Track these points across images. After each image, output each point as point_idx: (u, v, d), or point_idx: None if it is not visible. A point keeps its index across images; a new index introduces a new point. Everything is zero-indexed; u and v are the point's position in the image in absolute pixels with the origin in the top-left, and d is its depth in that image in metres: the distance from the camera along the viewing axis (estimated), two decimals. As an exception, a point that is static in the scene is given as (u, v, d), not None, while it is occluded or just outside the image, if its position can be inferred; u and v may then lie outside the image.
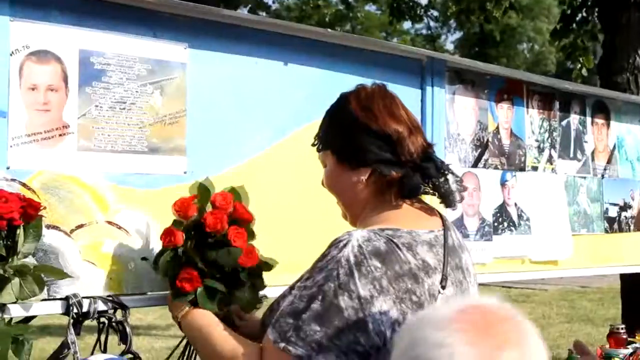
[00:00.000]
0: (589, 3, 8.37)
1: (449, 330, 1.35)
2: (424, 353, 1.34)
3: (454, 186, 2.35)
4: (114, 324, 2.56)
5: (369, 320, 2.03)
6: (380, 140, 2.25)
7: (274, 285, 2.72)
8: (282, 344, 2.04)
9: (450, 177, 2.34)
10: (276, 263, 2.68)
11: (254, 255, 2.56)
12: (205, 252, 2.50)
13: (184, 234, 2.51)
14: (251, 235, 2.62)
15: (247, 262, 2.54)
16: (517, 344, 1.36)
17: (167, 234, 2.50)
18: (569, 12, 8.72)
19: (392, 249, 2.12)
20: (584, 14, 8.64)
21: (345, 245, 2.10)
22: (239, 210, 2.60)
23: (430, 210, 2.34)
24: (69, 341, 2.44)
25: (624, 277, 6.76)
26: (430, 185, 2.33)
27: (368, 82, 3.24)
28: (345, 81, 3.21)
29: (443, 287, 2.18)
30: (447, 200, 2.35)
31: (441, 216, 2.37)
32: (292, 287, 2.23)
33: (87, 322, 2.54)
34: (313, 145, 2.44)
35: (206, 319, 2.41)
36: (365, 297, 2.04)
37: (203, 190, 2.60)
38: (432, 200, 2.40)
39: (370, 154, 2.25)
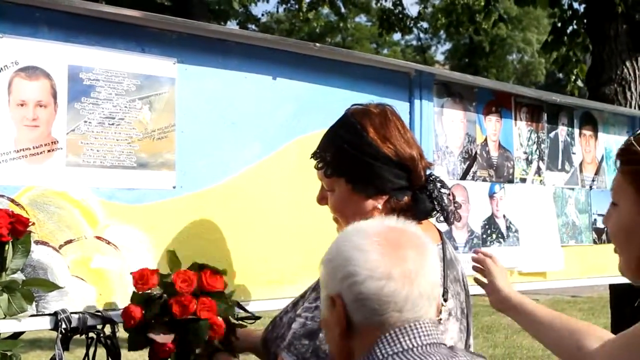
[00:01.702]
0: (580, 15, 8.40)
1: (370, 241, 1.70)
2: (345, 251, 1.71)
3: (452, 204, 2.39)
4: (102, 339, 2.56)
5: None
6: (398, 168, 2.28)
7: (267, 298, 2.74)
8: None
9: (449, 195, 2.39)
10: (256, 317, 2.70)
11: (220, 326, 2.49)
12: (173, 329, 2.46)
13: (144, 307, 2.47)
14: (222, 297, 2.55)
15: (216, 333, 2.49)
16: (417, 247, 1.72)
17: (126, 317, 2.46)
18: (559, 24, 8.75)
19: None
20: (575, 26, 8.67)
21: None
22: (205, 283, 2.51)
23: (428, 224, 2.37)
24: (57, 357, 2.44)
25: (613, 288, 6.78)
26: (438, 207, 2.35)
27: (357, 96, 3.30)
28: (334, 95, 3.24)
29: (445, 300, 2.22)
30: (449, 219, 2.38)
31: (438, 230, 2.39)
32: (295, 304, 2.24)
33: (78, 336, 2.54)
34: (317, 167, 2.40)
35: None
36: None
37: (172, 260, 2.59)
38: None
39: (389, 182, 2.27)
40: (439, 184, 2.35)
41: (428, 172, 2.38)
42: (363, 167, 2.27)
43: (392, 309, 1.65)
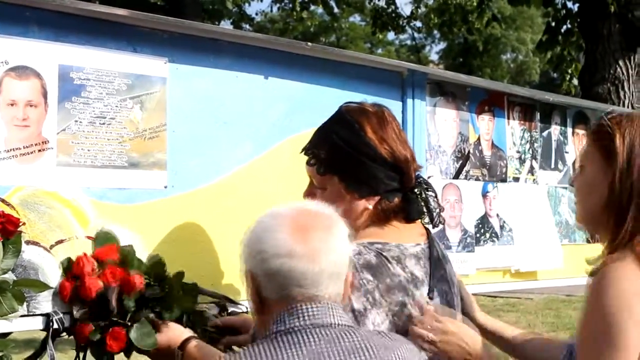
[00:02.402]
0: (573, 14, 8.42)
1: (279, 222, 1.86)
2: (258, 232, 1.88)
3: (438, 207, 2.40)
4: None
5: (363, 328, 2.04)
6: (392, 170, 2.28)
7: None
8: None
9: (435, 198, 2.41)
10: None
11: (133, 282, 2.52)
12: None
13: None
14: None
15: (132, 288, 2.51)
16: (323, 229, 1.86)
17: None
18: (553, 24, 8.77)
19: (383, 262, 2.16)
20: (569, 26, 8.69)
21: None
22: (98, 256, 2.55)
23: (417, 224, 2.38)
24: (49, 357, 2.43)
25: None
26: (425, 209, 2.37)
27: (349, 95, 3.29)
28: (326, 94, 3.24)
29: (431, 298, 2.23)
30: (434, 221, 2.40)
31: (426, 229, 2.39)
32: None
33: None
34: (308, 163, 2.40)
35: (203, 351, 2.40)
36: (359, 310, 2.08)
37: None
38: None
39: (382, 184, 2.27)
40: (425, 186, 2.38)
41: (416, 173, 2.39)
42: (358, 167, 2.26)
43: (295, 284, 1.81)
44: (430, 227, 2.46)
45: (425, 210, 2.36)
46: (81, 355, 2.56)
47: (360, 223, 2.30)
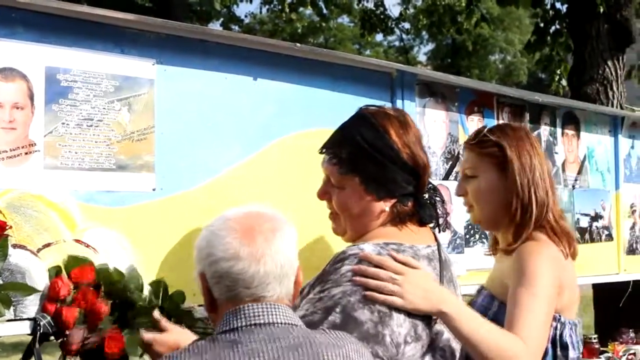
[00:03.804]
0: (562, 14, 8.43)
1: (226, 225, 1.94)
2: (207, 235, 1.96)
3: (444, 213, 2.47)
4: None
5: (387, 332, 2.09)
6: (410, 174, 2.32)
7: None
8: None
9: (443, 204, 2.47)
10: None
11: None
12: None
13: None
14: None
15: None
16: (268, 231, 1.94)
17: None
18: (542, 24, 8.77)
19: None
20: (557, 26, 8.70)
21: (357, 259, 2.15)
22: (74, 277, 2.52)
23: (426, 228, 2.41)
24: (36, 360, 2.42)
25: (596, 287, 6.79)
26: (434, 214, 2.42)
27: (339, 96, 3.29)
28: (316, 95, 3.23)
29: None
30: (441, 226, 2.45)
31: (433, 232, 2.42)
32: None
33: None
34: (329, 162, 2.40)
35: None
36: (385, 311, 2.10)
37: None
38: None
39: (400, 187, 2.30)
40: (433, 192, 2.44)
41: None
42: (380, 168, 2.28)
43: (241, 286, 1.90)
44: (436, 231, 2.49)
45: (434, 215, 2.41)
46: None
47: (376, 224, 2.32)
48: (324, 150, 2.42)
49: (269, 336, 1.86)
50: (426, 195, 2.41)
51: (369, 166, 2.29)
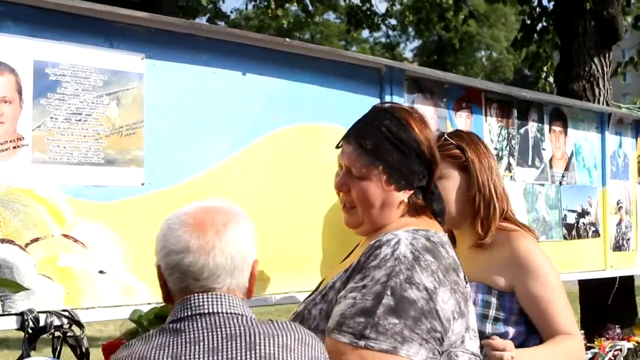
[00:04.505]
0: (549, 12, 8.44)
1: (179, 219, 1.99)
2: (163, 229, 2.00)
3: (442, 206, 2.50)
4: (68, 338, 2.52)
5: (439, 308, 2.12)
6: (426, 168, 2.37)
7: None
8: (362, 342, 2.04)
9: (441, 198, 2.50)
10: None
11: None
12: None
13: None
14: None
15: None
16: (220, 224, 1.98)
17: None
18: (528, 21, 8.79)
19: (435, 246, 2.23)
20: (544, 23, 8.72)
21: (397, 243, 2.17)
22: None
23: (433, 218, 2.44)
24: (25, 356, 2.40)
25: (582, 283, 6.80)
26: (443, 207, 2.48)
27: (327, 91, 3.29)
28: (304, 91, 3.22)
29: (466, 282, 2.33)
30: (443, 220, 2.47)
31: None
32: (324, 295, 2.27)
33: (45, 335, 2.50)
34: (354, 151, 2.37)
35: None
36: (431, 288, 2.12)
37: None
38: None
39: (417, 179, 2.35)
40: (434, 187, 2.46)
41: None
42: (403, 159, 2.32)
43: (191, 278, 1.95)
44: None
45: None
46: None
47: (396, 215, 2.35)
48: (346, 141, 2.41)
49: (211, 325, 1.92)
50: (435, 189, 2.46)
51: (393, 157, 2.32)
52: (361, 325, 2.06)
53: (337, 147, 2.45)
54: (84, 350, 2.53)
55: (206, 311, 1.94)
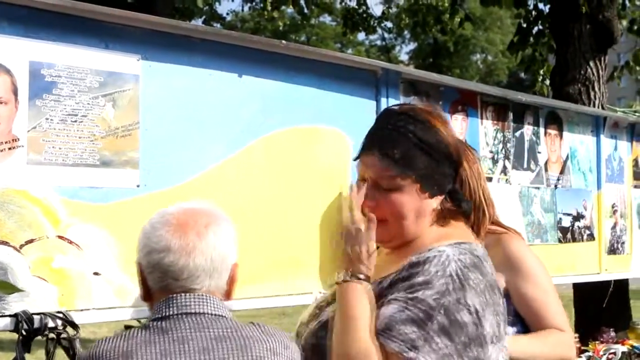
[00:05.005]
0: (545, 15, 8.46)
1: (163, 219, 2.00)
2: (145, 228, 2.02)
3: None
4: (62, 340, 2.51)
5: (485, 333, 2.02)
6: (454, 170, 2.23)
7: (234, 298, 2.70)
8: (413, 354, 1.93)
9: None
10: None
11: None
12: None
13: None
14: None
15: None
16: (202, 226, 1.99)
17: None
18: (525, 25, 8.80)
19: (480, 261, 2.11)
20: (540, 27, 8.73)
21: (447, 260, 2.04)
22: None
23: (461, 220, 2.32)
24: (19, 358, 2.40)
25: (577, 286, 6.81)
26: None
27: (324, 94, 3.29)
28: (300, 93, 3.22)
29: (503, 299, 2.19)
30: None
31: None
32: None
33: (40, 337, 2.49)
34: (381, 162, 2.18)
35: (363, 304, 2.12)
36: (479, 311, 2.02)
37: None
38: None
39: (448, 182, 2.21)
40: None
41: None
42: (434, 165, 2.17)
43: (171, 277, 1.96)
44: None
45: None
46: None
47: (427, 224, 2.20)
48: (368, 152, 2.21)
49: (198, 325, 1.94)
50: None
51: (424, 163, 2.15)
52: (413, 335, 1.95)
53: (356, 159, 2.26)
54: (76, 351, 2.52)
55: (192, 311, 1.96)
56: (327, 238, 3.27)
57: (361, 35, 35.84)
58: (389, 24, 23.51)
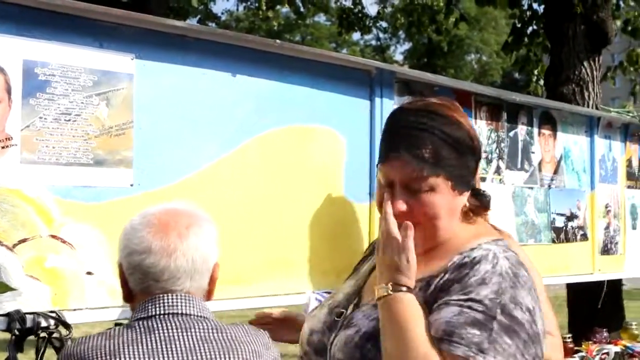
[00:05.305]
0: (539, 15, 8.48)
1: (144, 220, 2.00)
2: (127, 228, 2.02)
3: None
4: (54, 340, 2.51)
5: (539, 331, 1.98)
6: (476, 164, 2.16)
7: (223, 298, 2.70)
8: (481, 358, 1.85)
9: None
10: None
11: None
12: None
13: None
14: None
15: None
16: (184, 227, 1.99)
17: None
18: (519, 25, 8.82)
19: (520, 259, 2.07)
20: (535, 27, 8.75)
21: (495, 258, 1.99)
22: None
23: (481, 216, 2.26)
24: (11, 358, 2.39)
25: (570, 286, 6.83)
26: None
27: (318, 93, 3.28)
28: (295, 92, 3.22)
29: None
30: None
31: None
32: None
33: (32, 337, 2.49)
34: (410, 164, 2.07)
35: (413, 313, 2.01)
36: (531, 309, 1.97)
37: None
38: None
39: (473, 178, 2.15)
40: None
41: None
42: (462, 161, 2.09)
43: (151, 279, 1.97)
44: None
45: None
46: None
47: (457, 221, 2.13)
48: (394, 155, 2.09)
49: (184, 325, 1.94)
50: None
51: (453, 159, 2.07)
52: (477, 338, 1.87)
53: (381, 163, 2.12)
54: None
55: (179, 311, 1.96)
56: (320, 235, 3.28)
57: (356, 36, 35.82)
58: (384, 24, 23.54)
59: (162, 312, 1.95)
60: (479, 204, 2.19)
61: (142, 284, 1.98)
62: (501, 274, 1.96)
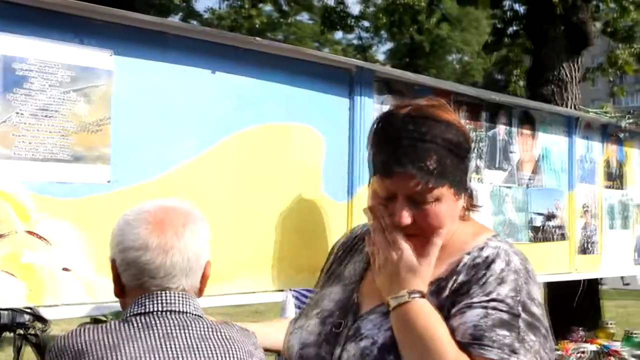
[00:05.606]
0: (520, 16, 8.52)
1: (139, 217, 1.99)
2: (121, 224, 2.01)
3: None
4: (30, 337, 2.50)
5: (548, 325, 1.97)
6: (468, 161, 2.10)
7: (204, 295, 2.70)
8: (514, 358, 1.83)
9: None
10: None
11: None
12: None
13: None
14: None
15: None
16: (180, 225, 1.99)
17: None
18: (500, 25, 8.86)
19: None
20: (515, 28, 8.79)
21: (507, 255, 1.98)
22: None
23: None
24: (-14, 355, 2.39)
25: (550, 286, 6.86)
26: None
27: (297, 91, 3.28)
28: (274, 90, 3.22)
29: None
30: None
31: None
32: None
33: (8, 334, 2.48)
34: (416, 178, 1.98)
35: (434, 318, 1.97)
36: (542, 303, 1.98)
37: None
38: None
39: (469, 178, 2.11)
40: None
41: None
42: (462, 166, 2.05)
43: (147, 276, 1.96)
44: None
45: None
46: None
47: (455, 222, 2.09)
48: (399, 169, 1.99)
49: (182, 323, 1.95)
50: None
51: (454, 165, 2.02)
52: (507, 339, 1.85)
53: (386, 177, 2.01)
54: (43, 347, 2.51)
55: (176, 309, 1.96)
56: (292, 231, 3.27)
57: (338, 35, 35.80)
58: (367, 23, 23.52)
59: (159, 308, 1.95)
60: (471, 201, 2.17)
61: (136, 281, 1.98)
62: (516, 270, 1.96)
